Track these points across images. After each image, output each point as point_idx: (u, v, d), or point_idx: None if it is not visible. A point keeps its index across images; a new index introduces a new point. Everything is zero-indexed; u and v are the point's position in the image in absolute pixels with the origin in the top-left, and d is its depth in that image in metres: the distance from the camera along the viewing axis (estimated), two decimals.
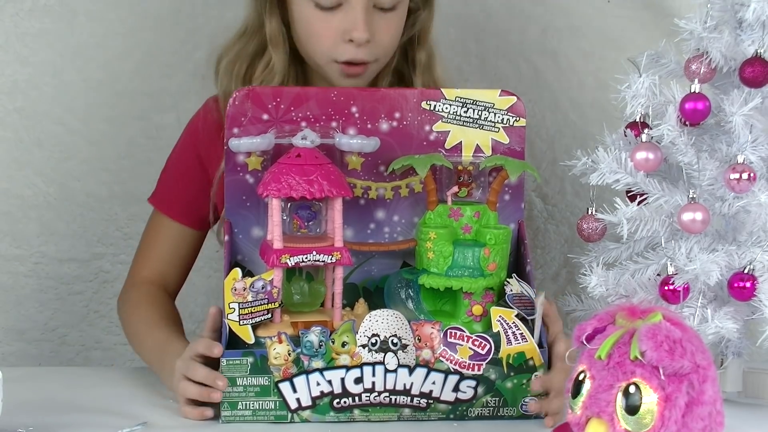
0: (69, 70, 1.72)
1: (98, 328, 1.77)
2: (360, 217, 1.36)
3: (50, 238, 1.74)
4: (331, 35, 1.41)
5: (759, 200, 1.27)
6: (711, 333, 1.28)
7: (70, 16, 1.71)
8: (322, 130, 1.33)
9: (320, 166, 1.28)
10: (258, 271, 1.31)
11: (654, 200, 1.31)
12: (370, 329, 1.23)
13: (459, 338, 1.24)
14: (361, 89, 1.40)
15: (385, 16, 1.42)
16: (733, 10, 1.30)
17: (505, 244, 1.33)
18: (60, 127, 1.73)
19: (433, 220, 1.35)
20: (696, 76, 1.29)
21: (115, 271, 1.76)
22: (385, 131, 1.36)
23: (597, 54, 1.77)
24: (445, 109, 1.37)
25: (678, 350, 0.97)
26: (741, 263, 1.29)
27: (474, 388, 1.25)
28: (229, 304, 1.24)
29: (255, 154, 1.33)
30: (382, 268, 1.38)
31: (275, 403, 1.24)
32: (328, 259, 1.28)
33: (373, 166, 1.36)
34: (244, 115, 1.33)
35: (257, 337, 1.25)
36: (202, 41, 1.73)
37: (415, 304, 1.33)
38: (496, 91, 1.38)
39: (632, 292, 1.32)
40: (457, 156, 1.37)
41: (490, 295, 1.32)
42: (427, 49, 1.52)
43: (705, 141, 1.32)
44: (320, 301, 1.32)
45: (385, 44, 1.44)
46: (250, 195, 1.34)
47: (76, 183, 1.74)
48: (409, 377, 1.23)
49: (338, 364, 1.23)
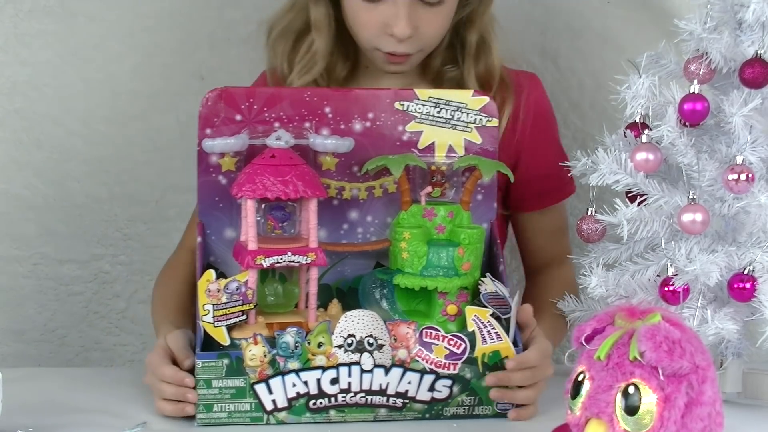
0: (68, 71, 1.72)
1: (98, 328, 1.77)
2: (333, 218, 1.37)
3: (49, 239, 1.74)
4: (374, 26, 1.41)
5: (759, 201, 1.27)
6: (711, 334, 1.28)
7: (70, 17, 1.71)
8: (295, 131, 1.33)
9: (295, 166, 1.28)
10: (231, 272, 1.31)
11: (654, 201, 1.31)
12: (345, 330, 1.23)
13: (434, 338, 1.25)
14: (334, 90, 1.40)
15: (431, 9, 1.41)
16: (732, 10, 1.29)
17: (479, 244, 1.34)
18: (59, 128, 1.73)
19: (406, 220, 1.35)
20: (695, 76, 1.29)
21: (114, 272, 1.76)
22: (359, 131, 1.36)
23: (596, 55, 1.77)
24: (418, 110, 1.37)
25: (677, 351, 0.97)
26: (741, 264, 1.28)
27: (450, 388, 1.25)
28: (204, 306, 1.24)
29: (228, 155, 1.33)
30: (356, 268, 1.38)
31: (251, 405, 1.23)
32: (303, 260, 1.28)
33: (347, 167, 1.36)
34: (217, 115, 1.33)
35: (232, 338, 1.25)
36: (201, 42, 1.74)
37: (389, 304, 1.34)
38: (468, 91, 1.39)
39: (632, 292, 1.32)
40: (430, 156, 1.37)
41: (465, 294, 1.32)
42: (480, 30, 1.50)
43: (705, 142, 1.32)
44: (294, 302, 1.33)
45: (430, 36, 1.43)
46: (223, 196, 1.34)
47: (76, 184, 1.74)
48: (385, 377, 1.24)
49: (314, 364, 1.23)
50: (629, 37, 1.75)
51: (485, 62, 1.50)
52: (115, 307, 1.77)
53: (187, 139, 1.52)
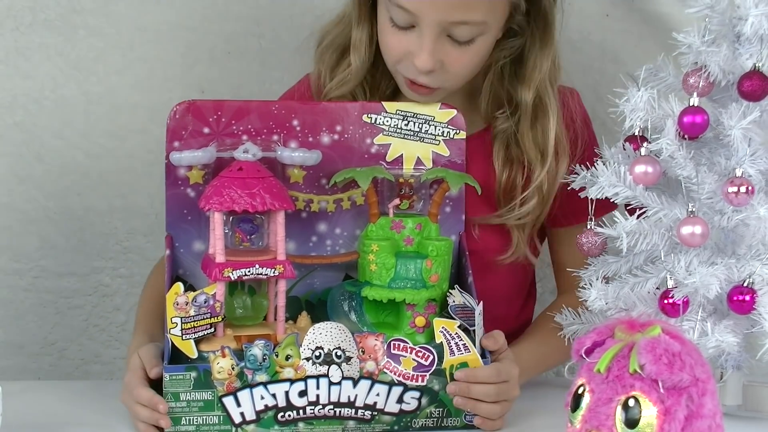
0: (69, 84, 1.72)
1: (98, 341, 1.77)
2: (302, 230, 1.37)
3: (50, 252, 1.74)
4: (399, 52, 1.37)
5: (758, 213, 1.27)
6: (711, 346, 1.28)
7: (70, 30, 1.72)
8: (263, 144, 1.34)
9: (262, 179, 1.29)
10: (199, 285, 1.31)
11: (653, 214, 1.31)
12: (314, 342, 1.23)
13: (402, 350, 1.25)
14: (302, 103, 1.41)
15: (459, 47, 1.36)
16: (731, 24, 1.30)
17: (447, 256, 1.35)
18: (60, 141, 1.73)
19: (375, 233, 1.36)
20: (694, 89, 1.29)
21: (114, 285, 1.76)
22: (327, 144, 1.37)
23: (595, 67, 1.77)
24: (386, 122, 1.38)
25: (677, 363, 0.97)
26: (740, 276, 1.28)
27: (418, 399, 1.26)
28: (172, 319, 1.24)
29: (196, 167, 1.34)
30: (325, 280, 1.39)
31: (219, 418, 1.23)
32: (271, 273, 1.28)
33: (315, 179, 1.37)
34: (185, 128, 1.34)
35: (200, 351, 1.25)
36: (201, 55, 1.74)
37: (358, 316, 1.35)
38: (436, 104, 1.40)
39: (632, 305, 1.32)
40: (398, 168, 1.39)
41: (433, 306, 1.33)
42: (537, 91, 1.42)
43: (704, 154, 1.33)
44: (263, 315, 1.33)
45: (455, 74, 1.38)
46: (192, 209, 1.34)
47: (76, 197, 1.74)
48: (353, 389, 1.24)
49: (282, 377, 1.23)
50: (628, 50, 1.76)
51: (540, 131, 1.43)
52: (115, 320, 1.77)
53: None
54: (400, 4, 1.33)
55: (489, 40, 1.39)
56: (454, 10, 1.32)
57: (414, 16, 1.33)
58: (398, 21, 1.35)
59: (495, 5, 1.36)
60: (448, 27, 1.34)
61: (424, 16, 1.33)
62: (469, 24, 1.34)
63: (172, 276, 1.33)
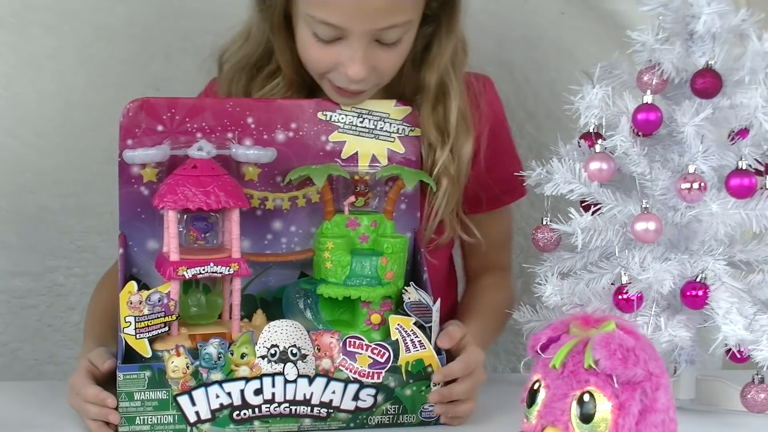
0: (22, 81, 1.70)
1: (51, 342, 1.75)
2: (257, 228, 1.37)
3: (2, 252, 1.72)
4: (327, 64, 1.35)
5: (710, 210, 1.28)
6: (664, 341, 1.29)
7: (23, 27, 1.70)
8: (218, 141, 1.34)
9: (216, 177, 1.28)
10: (154, 284, 1.30)
11: (608, 210, 1.32)
12: (269, 340, 1.23)
13: (358, 347, 1.25)
14: (257, 100, 1.40)
15: (386, 49, 1.35)
16: (684, 22, 1.31)
17: (402, 253, 1.35)
18: (12, 139, 1.71)
19: (330, 230, 1.36)
20: (648, 87, 1.30)
21: (68, 285, 1.74)
22: (282, 142, 1.36)
23: (551, 65, 1.78)
24: (341, 120, 1.38)
25: (631, 358, 0.98)
26: (693, 272, 1.30)
27: (374, 396, 1.26)
28: (125, 318, 1.23)
29: (150, 165, 1.33)
30: (280, 278, 1.38)
31: (174, 417, 1.23)
32: (225, 271, 1.28)
33: (270, 177, 1.37)
34: (138, 126, 1.33)
35: (154, 350, 1.24)
36: (157, 53, 1.73)
37: (313, 313, 1.35)
38: (391, 101, 1.40)
39: (587, 301, 1.33)
40: (353, 166, 1.39)
41: (388, 303, 1.33)
42: (440, 75, 1.42)
43: (657, 151, 1.34)
44: (218, 313, 1.33)
45: (385, 73, 1.37)
46: (145, 207, 1.33)
47: (29, 195, 1.72)
48: (308, 387, 1.24)
49: (237, 375, 1.22)
50: (583, 48, 1.77)
51: (444, 110, 1.42)
52: (69, 320, 1.75)
53: None
54: (327, 21, 1.30)
55: (413, 34, 1.38)
56: (381, 17, 1.31)
57: (341, 30, 1.31)
58: (324, 36, 1.33)
59: (417, 1, 1.35)
60: (376, 33, 1.32)
61: (353, 28, 1.30)
62: (397, 26, 1.33)
63: (126, 275, 1.32)
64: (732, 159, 1.30)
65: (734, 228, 1.31)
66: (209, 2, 1.73)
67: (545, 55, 1.79)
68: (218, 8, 1.72)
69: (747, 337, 1.26)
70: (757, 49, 1.28)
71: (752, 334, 1.27)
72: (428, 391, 1.27)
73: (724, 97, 1.30)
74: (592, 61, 1.39)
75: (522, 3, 1.61)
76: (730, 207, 1.28)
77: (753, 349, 1.28)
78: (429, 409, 1.28)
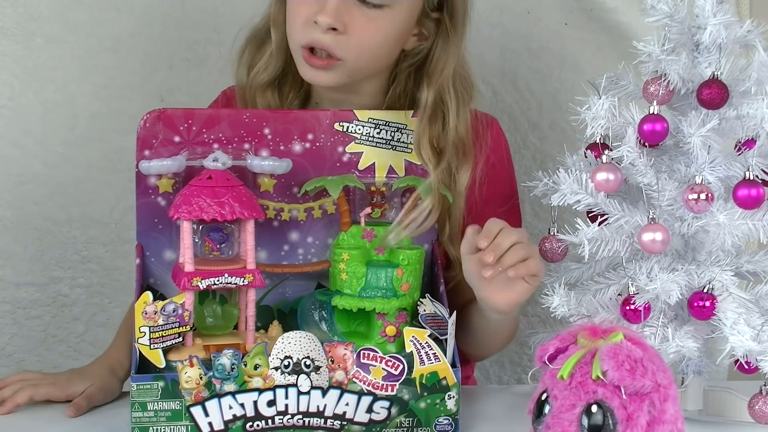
0: (26, 92, 1.71)
1: (56, 352, 1.75)
2: (274, 239, 1.37)
3: (7, 262, 1.72)
4: (302, 17, 1.35)
5: (717, 220, 1.28)
6: (672, 352, 1.29)
7: (28, 38, 1.70)
8: (234, 152, 1.33)
9: (231, 188, 1.28)
10: (171, 294, 1.30)
11: (614, 221, 1.32)
12: (282, 351, 1.22)
13: (372, 359, 1.24)
14: (273, 111, 1.39)
15: (367, 11, 1.34)
16: (690, 33, 1.31)
17: (419, 265, 1.34)
18: (17, 150, 1.71)
19: (346, 242, 1.36)
20: (654, 97, 1.31)
21: (73, 295, 1.74)
22: (298, 153, 1.36)
23: (555, 76, 1.78)
24: (357, 131, 1.38)
25: (639, 369, 0.98)
26: (700, 282, 1.30)
27: (388, 409, 1.25)
28: (140, 328, 1.23)
29: (166, 176, 1.33)
30: (297, 289, 1.38)
31: (187, 428, 1.22)
32: (240, 282, 1.28)
33: (286, 188, 1.36)
34: (155, 137, 1.33)
35: (168, 360, 1.24)
36: (160, 63, 1.73)
37: (328, 325, 1.34)
38: (408, 112, 1.40)
39: (594, 312, 1.33)
40: (370, 177, 1.38)
41: (404, 315, 1.33)
42: (438, 91, 1.39)
43: (664, 162, 1.34)
44: (233, 324, 1.33)
45: (359, 42, 1.35)
46: (162, 218, 1.33)
47: (34, 206, 1.72)
48: (322, 399, 1.23)
49: (251, 387, 1.22)
50: (588, 59, 1.77)
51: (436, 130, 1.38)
52: (74, 330, 1.75)
53: None
54: None
55: (397, 20, 1.36)
56: None
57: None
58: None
59: None
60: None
61: None
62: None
63: (143, 285, 1.32)
64: (739, 169, 1.30)
65: (741, 238, 1.30)
66: (213, 14, 1.73)
67: (549, 66, 1.79)
68: (221, 19, 1.72)
69: (755, 347, 1.26)
70: (763, 59, 1.28)
71: (760, 344, 1.27)
72: (443, 404, 1.25)
73: (731, 107, 1.30)
74: (596, 71, 1.39)
75: (526, 14, 1.61)
76: (737, 217, 1.28)
77: (761, 359, 1.28)
78: (443, 422, 1.26)
